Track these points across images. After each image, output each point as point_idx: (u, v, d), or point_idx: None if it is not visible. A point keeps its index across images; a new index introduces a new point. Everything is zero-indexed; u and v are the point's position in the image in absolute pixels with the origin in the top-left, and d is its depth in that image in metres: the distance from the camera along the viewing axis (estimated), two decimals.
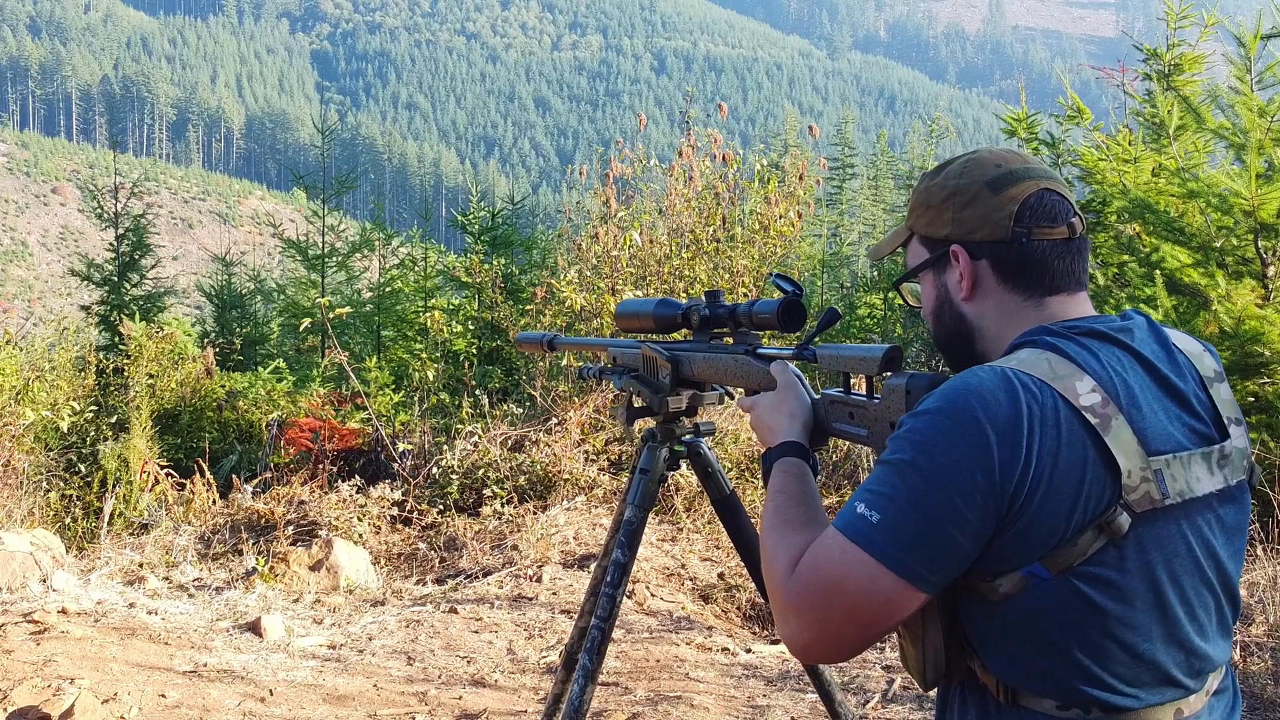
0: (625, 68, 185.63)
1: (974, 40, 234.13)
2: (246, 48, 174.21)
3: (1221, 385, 1.29)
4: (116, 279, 11.54)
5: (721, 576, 4.98)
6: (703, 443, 2.17)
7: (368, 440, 6.77)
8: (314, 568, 5.05)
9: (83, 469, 6.86)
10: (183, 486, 6.02)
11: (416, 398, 7.53)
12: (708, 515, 5.50)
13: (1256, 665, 3.54)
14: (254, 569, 4.99)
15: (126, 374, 7.92)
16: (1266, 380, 4.82)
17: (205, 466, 6.01)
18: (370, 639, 4.29)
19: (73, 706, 3.22)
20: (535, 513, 5.62)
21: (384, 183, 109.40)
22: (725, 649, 4.16)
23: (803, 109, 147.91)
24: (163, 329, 8.75)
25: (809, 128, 12.39)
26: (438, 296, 11.38)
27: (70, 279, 12.35)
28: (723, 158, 8.52)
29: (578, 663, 2.05)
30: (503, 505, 5.69)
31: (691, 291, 7.81)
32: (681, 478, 5.60)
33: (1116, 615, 1.15)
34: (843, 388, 1.50)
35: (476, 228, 11.22)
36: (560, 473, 5.84)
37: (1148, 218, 5.50)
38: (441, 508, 5.78)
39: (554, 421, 6.27)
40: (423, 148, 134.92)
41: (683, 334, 2.05)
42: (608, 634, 2.03)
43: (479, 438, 6.05)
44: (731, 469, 5.76)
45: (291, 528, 5.33)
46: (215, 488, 5.94)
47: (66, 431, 7.03)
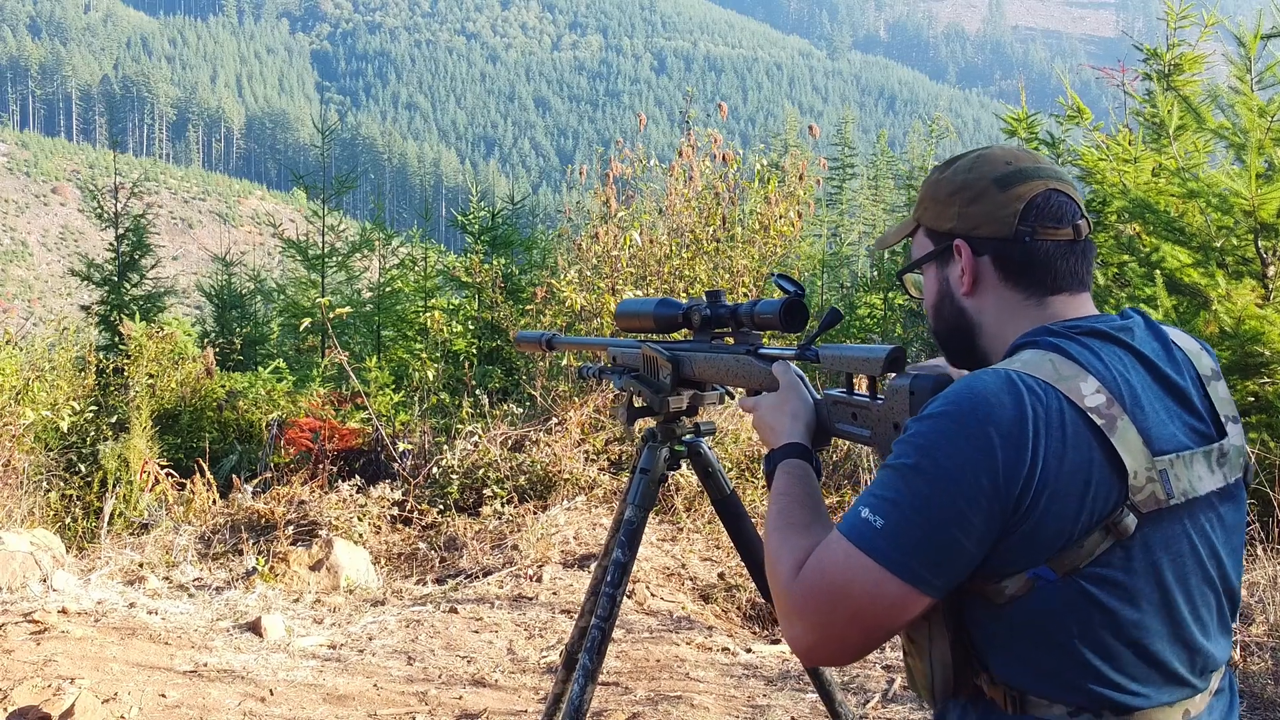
0: (625, 68, 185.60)
1: (974, 40, 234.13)
2: (246, 48, 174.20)
3: (1219, 383, 1.29)
4: (116, 279, 11.54)
5: (722, 576, 4.98)
6: (703, 442, 2.17)
7: (368, 440, 6.78)
8: (314, 568, 5.05)
9: (83, 469, 6.86)
10: (183, 486, 6.02)
11: (416, 398, 7.53)
12: (708, 515, 5.50)
13: (1256, 665, 3.54)
14: (254, 569, 4.99)
15: (126, 374, 7.92)
16: (1266, 380, 4.82)
17: (205, 466, 6.01)
18: (370, 639, 4.29)
19: (73, 706, 3.22)
20: (535, 513, 5.62)
21: (384, 183, 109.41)
22: (725, 649, 4.16)
23: (803, 109, 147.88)
24: (163, 329, 8.75)
25: (809, 128, 12.39)
26: (438, 296, 11.38)
27: (70, 279, 12.35)
28: (723, 158, 8.52)
29: (578, 662, 2.05)
30: (503, 505, 5.69)
31: (692, 291, 7.80)
32: (682, 477, 5.60)
33: (1124, 615, 1.15)
34: (845, 388, 1.50)
35: (476, 228, 11.22)
36: (560, 472, 5.84)
37: (1148, 218, 5.50)
38: (441, 508, 5.78)
39: (554, 421, 6.27)
40: (423, 148, 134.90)
41: (683, 334, 2.04)
42: (608, 634, 2.03)
43: (479, 438, 6.05)
44: (732, 469, 5.76)
45: (291, 527, 5.33)
46: (215, 488, 5.94)
47: (66, 431, 7.03)
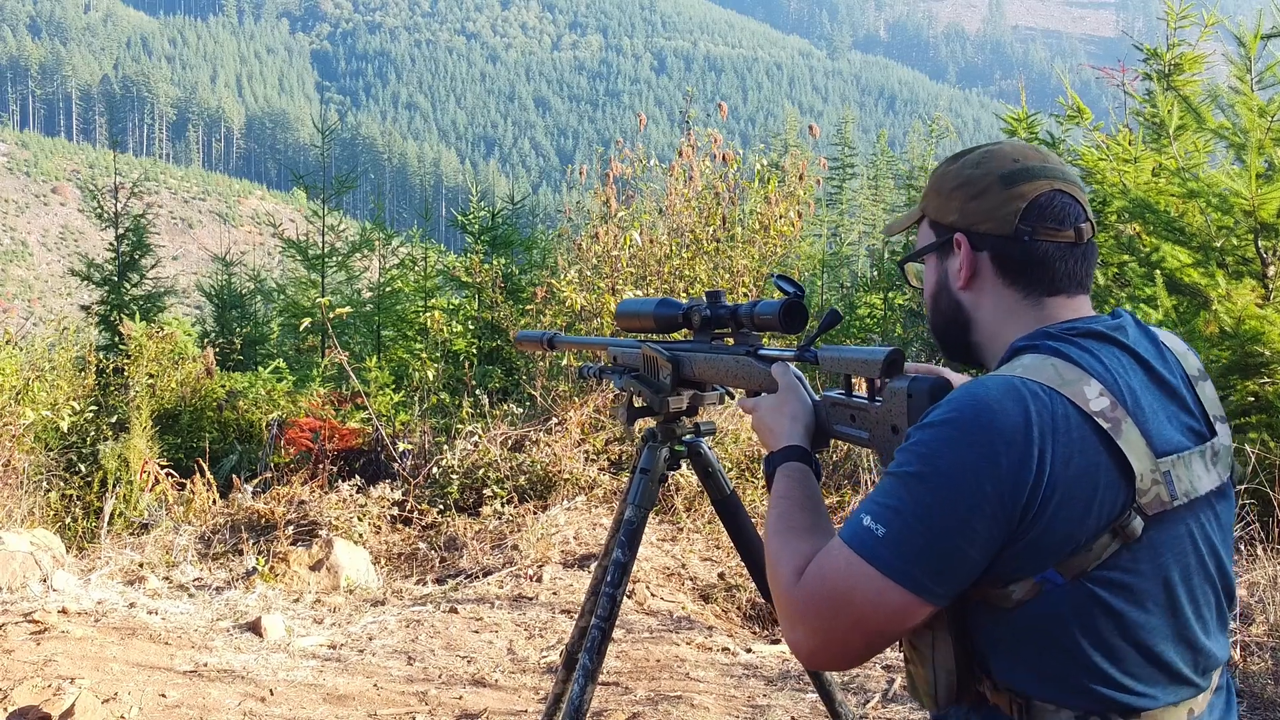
0: (625, 68, 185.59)
1: (974, 40, 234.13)
2: (246, 48, 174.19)
3: (1206, 384, 1.29)
4: (116, 279, 11.54)
5: (722, 576, 4.98)
6: (703, 442, 2.16)
7: (368, 440, 6.78)
8: (314, 567, 5.05)
9: (83, 469, 6.86)
10: (183, 486, 6.02)
11: (416, 398, 7.53)
12: (708, 515, 5.50)
13: (1256, 665, 3.53)
14: (254, 569, 4.99)
15: (126, 374, 7.92)
16: (1266, 380, 4.82)
17: (205, 466, 6.01)
18: (370, 639, 4.29)
19: (73, 706, 3.22)
20: (535, 512, 5.62)
21: (384, 183, 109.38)
22: (725, 649, 4.16)
23: (803, 109, 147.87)
24: (163, 329, 8.75)
25: (809, 128, 12.38)
26: (438, 296, 11.38)
27: (70, 279, 12.35)
28: (723, 158, 8.52)
29: (578, 662, 2.05)
30: (503, 505, 5.69)
31: (692, 291, 7.80)
32: (682, 477, 5.60)
33: (1131, 617, 1.15)
34: (844, 390, 1.50)
35: (476, 228, 11.22)
36: (560, 472, 5.84)
37: (1148, 217, 5.50)
38: (441, 508, 5.78)
39: (554, 421, 6.27)
40: (423, 148, 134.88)
41: (683, 334, 2.04)
42: (608, 634, 2.03)
43: (479, 438, 6.05)
44: (732, 469, 5.76)
45: (292, 527, 5.33)
46: (215, 488, 5.94)
47: (66, 431, 7.03)
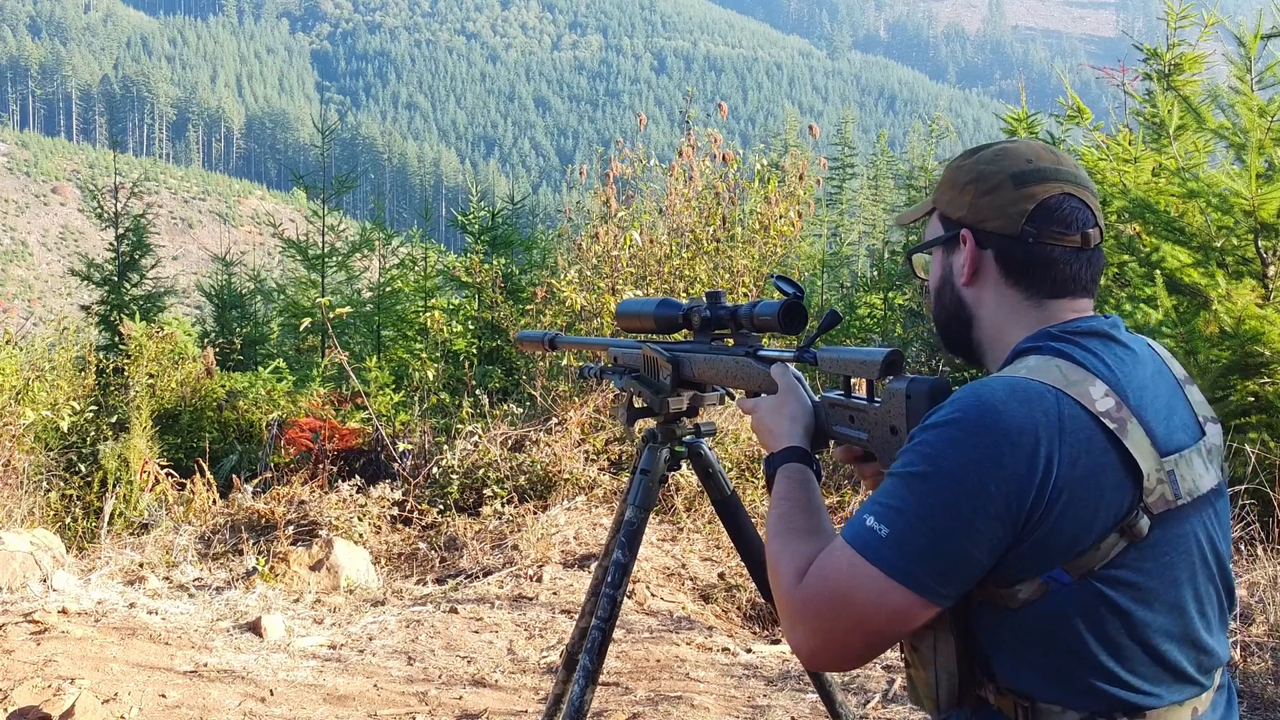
0: (625, 68, 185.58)
1: (974, 40, 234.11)
2: (246, 48, 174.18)
3: (1192, 388, 1.30)
4: (116, 279, 11.53)
5: (722, 576, 4.98)
6: (703, 443, 2.16)
7: (368, 440, 6.78)
8: (314, 568, 5.05)
9: (83, 469, 6.86)
10: (183, 486, 6.02)
11: (416, 398, 7.53)
12: (708, 515, 5.50)
13: (1257, 665, 3.53)
14: (254, 569, 4.99)
15: (126, 374, 7.92)
16: (1267, 380, 4.82)
17: (205, 466, 6.01)
18: (370, 639, 4.29)
19: (73, 707, 3.22)
20: (535, 513, 5.62)
21: (384, 183, 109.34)
22: (726, 649, 4.16)
23: (803, 109, 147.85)
24: (163, 329, 8.75)
25: (809, 128, 12.38)
26: (438, 296, 11.38)
27: (70, 279, 12.35)
28: (723, 158, 8.52)
29: (578, 663, 2.05)
30: (503, 505, 5.69)
31: (692, 291, 7.80)
32: (682, 477, 5.60)
33: (1138, 616, 1.15)
34: (843, 390, 1.49)
35: (476, 228, 11.23)
36: (560, 472, 5.84)
37: (1148, 217, 5.50)
38: (442, 508, 5.78)
39: (554, 421, 6.27)
40: (423, 148, 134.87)
41: (683, 334, 2.04)
42: (608, 635, 2.03)
43: (479, 438, 6.05)
44: (732, 469, 5.76)
45: (292, 528, 5.33)
46: (215, 488, 5.94)
47: (66, 431, 7.03)
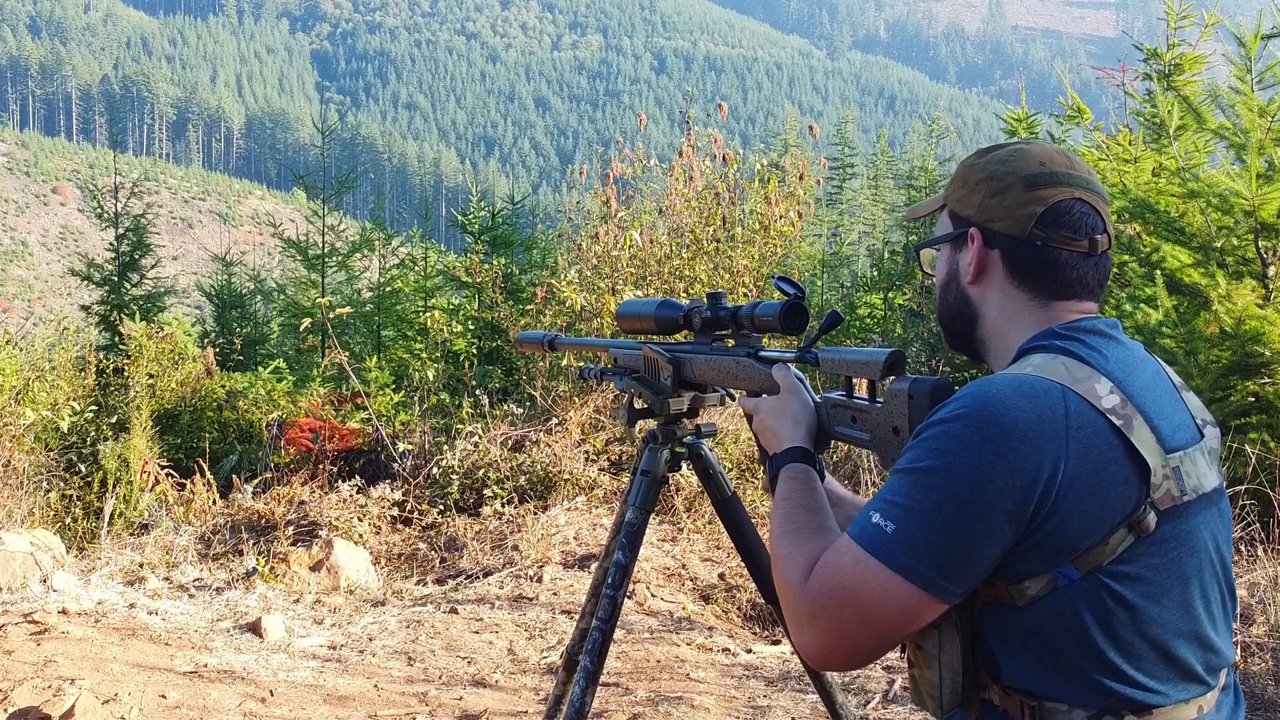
0: (625, 68, 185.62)
1: (974, 40, 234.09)
2: (246, 48, 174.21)
3: (1188, 394, 1.31)
4: (116, 279, 11.53)
5: (722, 577, 4.98)
6: (704, 444, 2.16)
7: (368, 440, 6.77)
8: (314, 568, 5.05)
9: (83, 469, 6.86)
10: (183, 486, 6.02)
11: (416, 398, 7.53)
12: (708, 515, 5.50)
13: (1257, 665, 3.53)
14: (254, 569, 4.99)
15: (126, 374, 7.91)
16: (1267, 380, 4.82)
17: (205, 466, 6.01)
18: (371, 639, 4.29)
19: (73, 707, 3.21)
20: (536, 513, 5.62)
21: (384, 183, 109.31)
22: (726, 649, 4.16)
23: (803, 109, 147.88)
24: (163, 329, 8.75)
25: (809, 128, 12.37)
26: (438, 296, 11.39)
27: (70, 279, 12.33)
28: (723, 158, 8.52)
29: (579, 664, 2.05)
30: (503, 505, 5.69)
31: (692, 291, 7.80)
32: (682, 478, 5.59)
33: (1148, 611, 1.15)
34: (844, 391, 1.49)
35: (476, 228, 11.23)
36: (560, 473, 5.84)
37: (1148, 218, 5.50)
38: (442, 508, 5.78)
39: (554, 421, 6.27)
40: (423, 148, 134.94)
41: (683, 335, 2.04)
42: (609, 636, 2.03)
43: (479, 438, 6.05)
44: (732, 470, 5.76)
45: (292, 528, 5.33)
46: (215, 488, 5.94)
47: (66, 431, 7.03)
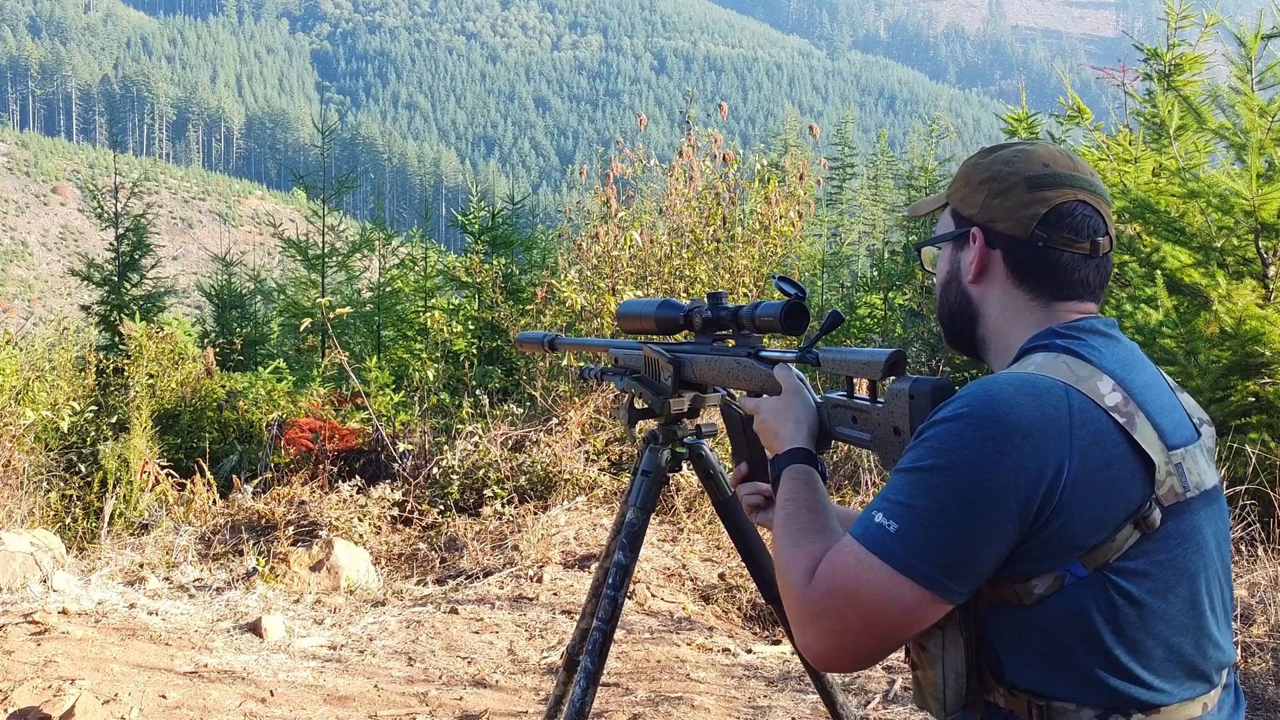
0: (625, 68, 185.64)
1: (974, 40, 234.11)
2: (246, 48, 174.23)
3: (1183, 394, 1.31)
4: (116, 279, 11.53)
5: (722, 577, 4.98)
6: (704, 444, 2.16)
7: (368, 440, 6.77)
8: (314, 568, 5.05)
9: (83, 469, 6.86)
10: (183, 486, 6.02)
11: (416, 398, 7.53)
12: (708, 515, 5.50)
13: (1257, 665, 3.53)
14: (254, 569, 4.99)
15: (126, 374, 7.91)
16: (1267, 380, 4.82)
17: (205, 466, 6.01)
18: (371, 639, 4.29)
19: (73, 707, 3.21)
20: (536, 513, 5.62)
21: (384, 183, 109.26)
22: (726, 649, 4.16)
23: (803, 109, 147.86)
24: (163, 329, 8.74)
25: (809, 128, 12.37)
26: (438, 296, 11.39)
27: (70, 279, 12.34)
28: (723, 158, 8.51)
29: (579, 664, 2.05)
30: (503, 505, 5.69)
31: (692, 291, 7.80)
32: (682, 478, 5.59)
33: (1155, 608, 1.15)
34: (845, 391, 1.49)
35: (476, 228, 11.23)
36: (561, 473, 5.84)
37: (1148, 218, 5.50)
38: (442, 508, 5.78)
39: (554, 421, 6.27)
40: (423, 148, 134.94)
41: (683, 335, 2.04)
42: (609, 636, 2.03)
43: (479, 438, 6.05)
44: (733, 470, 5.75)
45: (292, 528, 5.33)
46: (215, 488, 5.94)
47: (66, 431, 7.03)
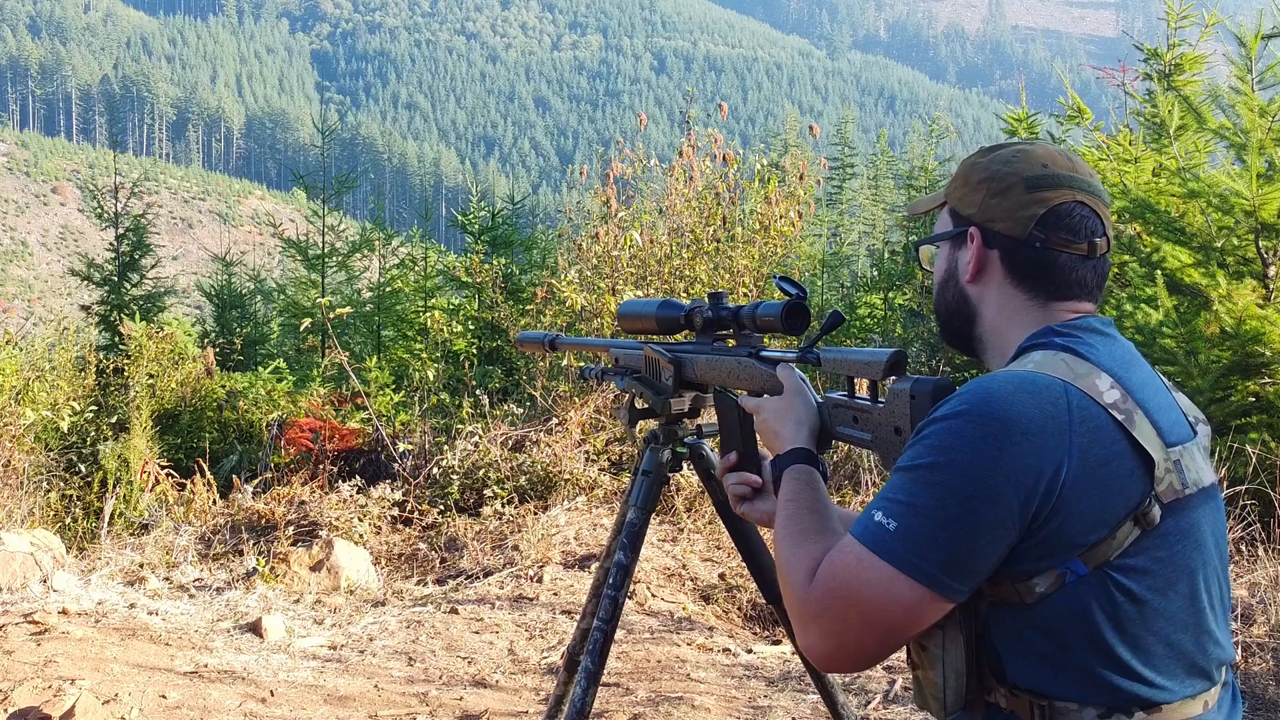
0: (625, 68, 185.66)
1: (974, 40, 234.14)
2: (246, 48, 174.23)
3: (1178, 394, 1.31)
4: (116, 279, 11.53)
5: (722, 577, 4.98)
6: (705, 444, 2.16)
7: (368, 440, 6.77)
8: (315, 568, 5.05)
9: (83, 469, 6.86)
10: (183, 486, 6.01)
11: (417, 398, 7.53)
12: (708, 515, 5.50)
13: (1258, 665, 3.53)
14: (254, 569, 4.99)
15: (126, 374, 7.91)
16: (1267, 380, 4.82)
17: (205, 466, 6.00)
18: (371, 639, 4.29)
19: (73, 707, 3.21)
20: (536, 513, 5.62)
21: (384, 183, 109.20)
22: (726, 649, 4.16)
23: (803, 109, 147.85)
24: (163, 329, 8.74)
25: (809, 128, 12.37)
26: (438, 296, 11.39)
27: (70, 279, 12.34)
28: (723, 158, 8.51)
29: (580, 664, 2.05)
30: (503, 505, 5.69)
31: (692, 291, 7.79)
32: (682, 477, 5.59)
33: (1155, 606, 1.15)
34: (846, 391, 1.49)
35: (476, 228, 11.23)
36: (561, 473, 5.84)
37: (1148, 218, 5.50)
38: (442, 508, 5.78)
39: (554, 421, 6.27)
40: (423, 148, 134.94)
41: (684, 335, 2.04)
42: (610, 636, 2.02)
43: (479, 438, 6.05)
44: None
45: (292, 528, 5.33)
46: (215, 488, 5.94)
47: (66, 431, 7.03)
